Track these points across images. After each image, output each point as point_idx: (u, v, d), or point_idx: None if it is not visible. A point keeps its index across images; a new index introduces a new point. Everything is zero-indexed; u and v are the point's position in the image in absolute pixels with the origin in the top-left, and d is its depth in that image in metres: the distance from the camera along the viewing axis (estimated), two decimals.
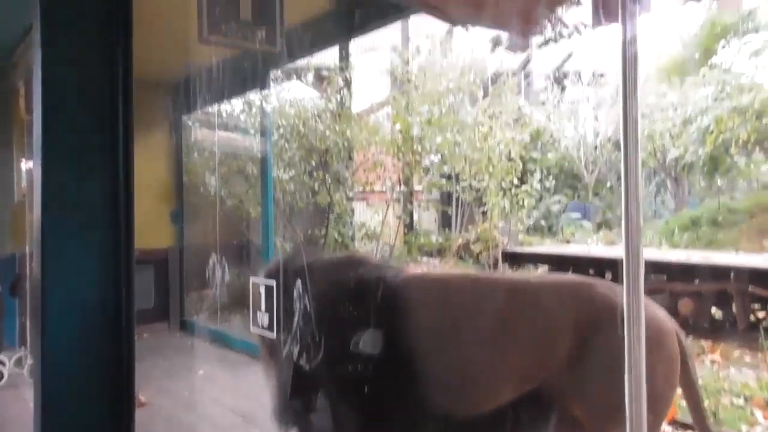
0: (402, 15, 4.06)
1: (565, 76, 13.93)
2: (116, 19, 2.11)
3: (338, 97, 8.02)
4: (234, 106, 7.48)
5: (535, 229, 12.93)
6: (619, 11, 1.34)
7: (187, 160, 6.91)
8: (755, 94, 9.79)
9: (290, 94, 8.15)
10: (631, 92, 1.35)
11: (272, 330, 1.59)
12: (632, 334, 1.38)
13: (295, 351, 1.68)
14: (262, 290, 1.62)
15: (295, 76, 8.33)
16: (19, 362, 4.72)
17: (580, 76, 13.59)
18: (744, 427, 3.89)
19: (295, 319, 1.75)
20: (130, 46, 2.13)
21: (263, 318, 1.62)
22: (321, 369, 1.79)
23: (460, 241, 10.67)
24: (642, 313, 1.36)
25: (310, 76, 8.03)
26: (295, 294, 1.76)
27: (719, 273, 6.02)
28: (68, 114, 2.12)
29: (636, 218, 1.40)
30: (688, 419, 2.46)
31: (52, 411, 2.06)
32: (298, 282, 1.70)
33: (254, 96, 6.83)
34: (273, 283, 1.65)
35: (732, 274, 5.92)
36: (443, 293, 1.98)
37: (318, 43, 4.20)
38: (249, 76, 4.98)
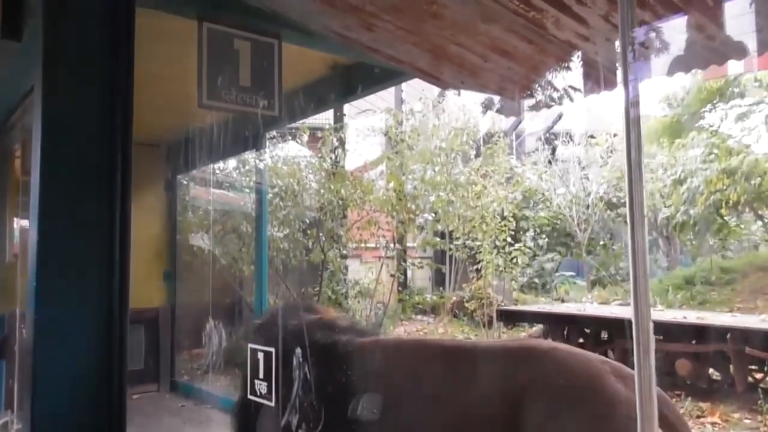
0: (397, 80, 4.18)
1: (556, 136, 14.24)
2: (117, 84, 2.16)
3: (333, 156, 8.14)
4: (229, 165, 7.58)
5: (528, 287, 12.91)
6: (622, 76, 1.39)
7: (182, 218, 6.94)
8: (743, 157, 10.01)
9: (285, 153, 8.28)
10: (635, 154, 1.38)
11: (270, 399, 1.57)
12: (643, 396, 1.35)
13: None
14: (261, 357, 1.61)
15: (290, 137, 8.48)
16: (4, 427, 4.57)
17: (570, 136, 13.90)
18: None
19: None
20: (130, 114, 2.18)
21: (261, 387, 1.60)
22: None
23: (454, 299, 10.63)
24: (653, 376, 1.34)
25: (305, 136, 8.18)
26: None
27: (716, 333, 5.99)
28: (66, 176, 2.14)
29: (644, 279, 1.41)
30: None
31: None
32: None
33: (250, 155, 6.93)
34: (272, 350, 1.64)
35: (728, 335, 5.89)
36: (392, 358, 1.95)
37: (314, 106, 4.30)
38: (245, 136, 5.07)
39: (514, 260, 9.70)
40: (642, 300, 1.40)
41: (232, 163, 7.54)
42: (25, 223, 5.69)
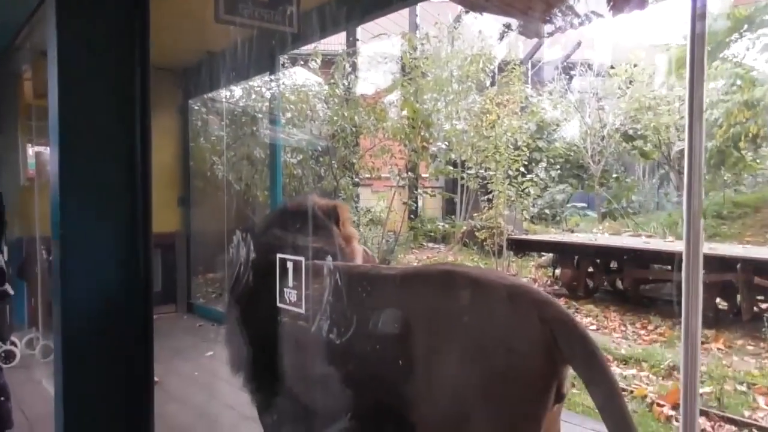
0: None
1: (573, 66, 13.87)
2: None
3: (346, 82, 8.00)
4: (243, 90, 7.48)
5: (539, 218, 12.94)
6: None
7: (194, 144, 6.93)
8: (767, 88, 9.72)
9: (298, 79, 8.14)
10: (698, 76, 1.30)
11: (300, 307, 1.60)
12: (690, 325, 1.36)
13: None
14: (290, 266, 1.64)
15: (302, 62, 8.32)
16: (30, 343, 4.77)
17: (588, 66, 13.53)
18: (746, 413, 3.93)
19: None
20: (147, 30, 2.13)
21: (291, 295, 1.63)
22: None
23: (464, 228, 10.71)
24: (699, 307, 1.33)
25: (318, 62, 8.01)
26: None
27: (725, 264, 6.03)
28: (85, 98, 2.12)
29: (698, 212, 1.37)
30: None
31: (74, 391, 2.09)
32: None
33: (263, 80, 6.83)
34: (301, 259, 1.66)
35: (738, 266, 5.93)
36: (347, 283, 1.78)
37: (329, 26, 4.19)
38: (258, 60, 4.98)
39: (526, 191, 9.69)
40: (694, 229, 1.37)
41: (246, 88, 7.43)
42: (39, 148, 5.72)
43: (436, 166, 10.08)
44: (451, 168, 9.97)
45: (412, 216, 10.36)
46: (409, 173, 9.01)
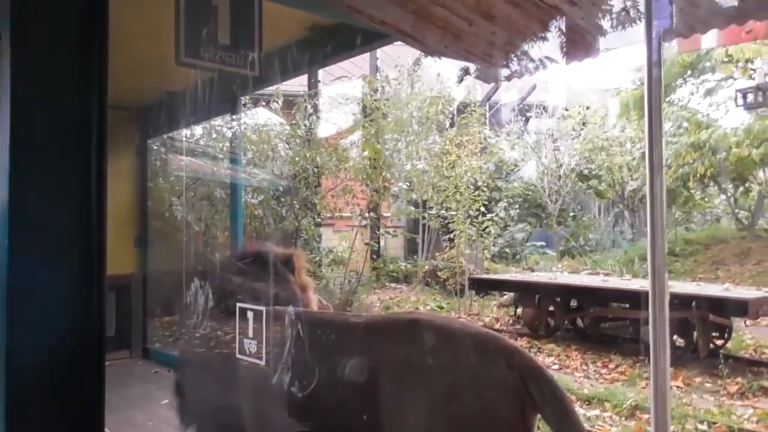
0: (377, 44, 4.11)
1: (529, 108, 14.30)
2: (92, 37, 2.06)
3: (307, 123, 8.04)
4: (203, 130, 7.42)
5: (500, 257, 13.08)
6: (645, 36, 1.36)
7: (153, 184, 6.80)
8: (712, 131, 10.19)
9: (260, 119, 8.14)
10: (656, 116, 1.34)
11: (261, 358, 1.54)
12: (658, 364, 1.35)
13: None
14: (250, 315, 1.58)
15: (264, 103, 8.34)
16: None
17: (544, 108, 13.97)
18: None
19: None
20: (105, 68, 2.08)
21: (251, 345, 1.57)
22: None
23: (426, 267, 10.73)
24: (667, 343, 1.33)
25: (280, 102, 8.04)
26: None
27: (681, 302, 6.17)
28: (39, 135, 2.04)
29: (661, 245, 1.39)
30: None
31: None
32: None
33: (224, 120, 6.80)
34: (262, 309, 1.61)
35: (693, 303, 6.07)
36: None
37: (292, 69, 4.22)
38: (219, 101, 4.95)
39: (487, 230, 9.80)
40: (658, 262, 1.38)
41: (206, 128, 7.38)
42: None
43: (397, 206, 10.14)
44: (413, 208, 10.04)
45: (374, 256, 10.34)
46: (371, 213, 9.02)
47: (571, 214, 14.18)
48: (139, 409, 4.35)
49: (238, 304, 1.63)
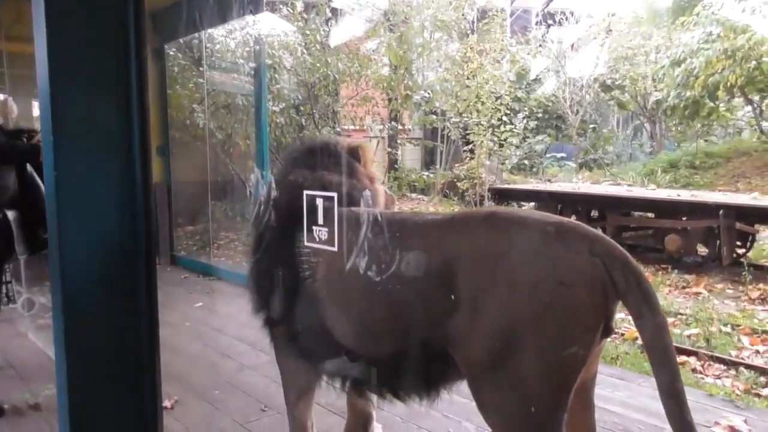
0: None
1: (553, 15, 13.71)
2: None
3: (326, 28, 7.75)
4: (223, 33, 7.16)
5: (518, 169, 12.99)
6: None
7: (171, 92, 6.66)
8: (750, 35, 9.68)
9: (278, 25, 7.85)
10: None
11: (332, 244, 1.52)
12: None
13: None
14: (320, 203, 1.56)
15: (281, 5, 8.00)
16: (29, 303, 4.59)
17: (568, 14, 13.38)
18: (733, 352, 4.05)
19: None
20: None
21: (321, 233, 1.56)
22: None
23: (442, 181, 10.68)
24: None
25: (299, 5, 7.71)
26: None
27: (707, 210, 6.13)
28: (76, 37, 1.97)
29: None
30: None
31: (77, 347, 2.01)
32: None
33: (244, 23, 6.56)
34: (334, 195, 1.59)
35: (721, 212, 6.04)
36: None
37: None
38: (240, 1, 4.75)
39: (507, 140, 9.66)
40: None
41: (225, 33, 7.12)
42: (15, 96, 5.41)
43: (419, 115, 9.96)
44: (434, 117, 9.86)
45: (395, 167, 10.27)
46: (392, 122, 8.87)
47: (591, 125, 13.91)
48: (176, 311, 4.46)
49: (307, 192, 1.60)
